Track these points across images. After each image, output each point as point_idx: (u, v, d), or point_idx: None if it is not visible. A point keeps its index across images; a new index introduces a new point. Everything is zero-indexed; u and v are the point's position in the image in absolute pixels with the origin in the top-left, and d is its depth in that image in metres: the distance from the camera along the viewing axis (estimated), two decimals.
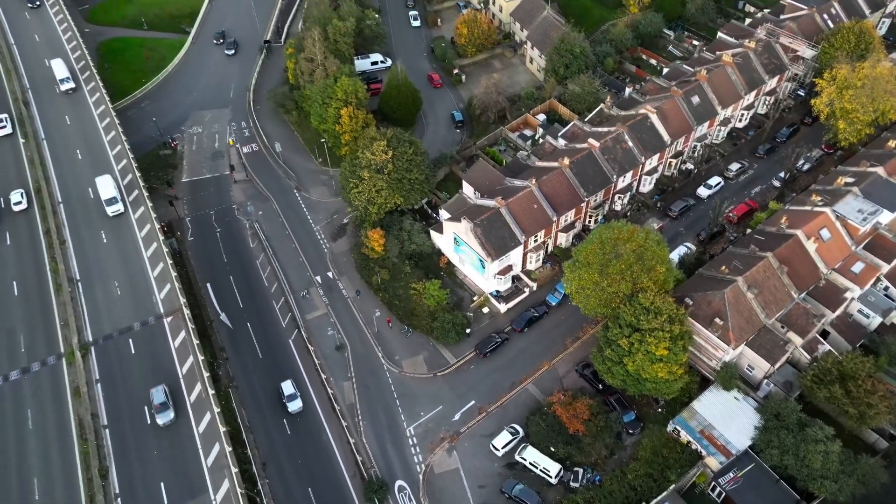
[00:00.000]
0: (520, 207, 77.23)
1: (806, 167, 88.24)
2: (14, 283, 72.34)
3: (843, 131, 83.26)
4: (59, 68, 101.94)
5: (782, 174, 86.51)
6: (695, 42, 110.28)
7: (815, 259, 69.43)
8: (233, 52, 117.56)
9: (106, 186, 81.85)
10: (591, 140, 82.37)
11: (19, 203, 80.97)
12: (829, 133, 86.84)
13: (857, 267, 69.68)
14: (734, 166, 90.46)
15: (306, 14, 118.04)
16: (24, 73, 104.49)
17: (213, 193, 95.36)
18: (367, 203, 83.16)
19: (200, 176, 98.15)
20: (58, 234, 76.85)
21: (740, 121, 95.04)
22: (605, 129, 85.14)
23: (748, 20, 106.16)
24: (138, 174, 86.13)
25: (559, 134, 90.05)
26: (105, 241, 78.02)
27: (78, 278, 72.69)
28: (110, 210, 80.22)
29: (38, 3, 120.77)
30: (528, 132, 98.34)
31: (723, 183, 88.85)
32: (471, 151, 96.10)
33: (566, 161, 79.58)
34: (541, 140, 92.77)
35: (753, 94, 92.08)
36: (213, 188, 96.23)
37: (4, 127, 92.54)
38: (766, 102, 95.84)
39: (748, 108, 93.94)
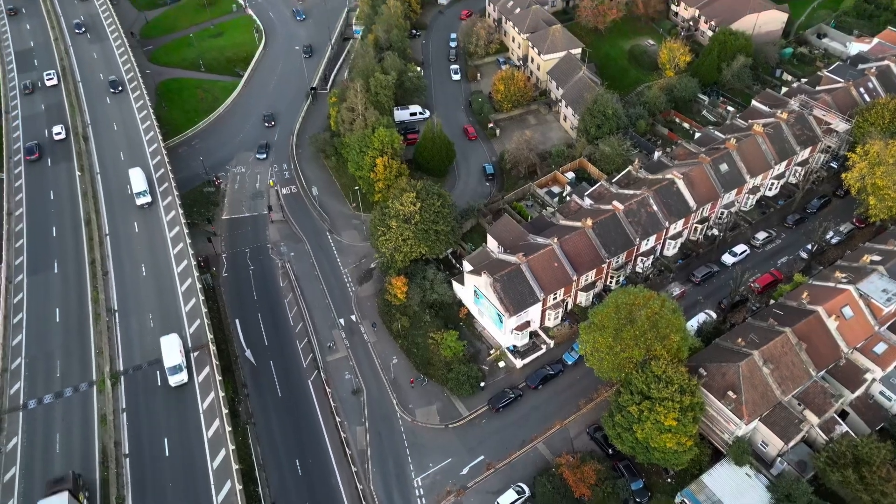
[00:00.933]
0: (540, 265, 78.61)
1: (835, 240, 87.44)
2: (57, 309, 77.00)
3: (874, 207, 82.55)
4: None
5: (810, 246, 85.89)
6: (729, 108, 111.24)
7: (836, 337, 68.52)
8: (272, 124, 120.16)
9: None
10: (615, 202, 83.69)
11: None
12: (861, 208, 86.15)
13: (880, 348, 68.46)
14: (761, 235, 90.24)
15: (352, 64, 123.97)
16: (86, 110, 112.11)
17: (249, 232, 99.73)
18: (394, 251, 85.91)
19: (240, 214, 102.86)
20: (102, 265, 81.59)
21: (770, 189, 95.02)
22: (631, 192, 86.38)
23: (784, 89, 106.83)
24: (181, 210, 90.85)
25: (586, 193, 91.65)
26: (144, 273, 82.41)
27: (116, 308, 76.91)
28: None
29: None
30: (555, 189, 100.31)
31: (748, 251, 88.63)
32: (498, 205, 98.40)
33: (589, 222, 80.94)
34: (567, 198, 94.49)
35: (784, 164, 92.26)
36: (251, 227, 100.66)
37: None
38: (798, 173, 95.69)
39: (778, 177, 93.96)
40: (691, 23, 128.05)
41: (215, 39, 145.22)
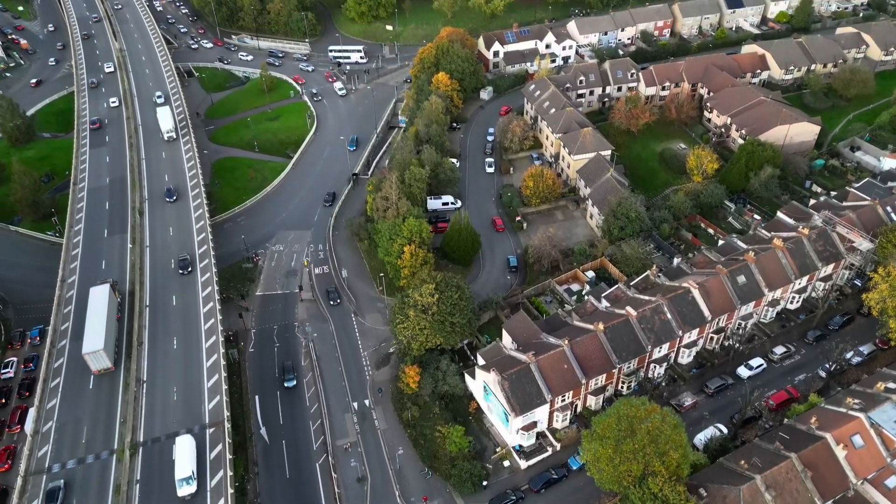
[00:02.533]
0: (550, 366, 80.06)
1: (856, 361, 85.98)
2: (91, 376, 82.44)
3: (895, 331, 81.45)
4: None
5: (829, 365, 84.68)
6: (756, 216, 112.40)
7: (845, 467, 66.96)
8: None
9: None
10: (629, 307, 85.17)
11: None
12: (883, 329, 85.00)
13: (892, 482, 66.41)
14: (779, 349, 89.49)
15: (392, 154, 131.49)
16: (146, 186, 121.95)
17: (279, 309, 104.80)
18: (411, 339, 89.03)
19: (273, 291, 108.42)
20: (138, 335, 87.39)
21: (792, 303, 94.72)
22: (646, 298, 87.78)
23: (812, 201, 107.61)
24: (216, 287, 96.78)
25: (603, 295, 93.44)
26: (175, 346, 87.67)
27: (144, 379, 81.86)
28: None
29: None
30: (575, 287, 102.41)
31: (765, 365, 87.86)
32: (517, 299, 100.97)
33: (601, 326, 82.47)
34: (585, 298, 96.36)
35: (806, 278, 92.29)
36: (281, 304, 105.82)
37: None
38: (821, 288, 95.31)
39: (800, 291, 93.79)
40: (723, 130, 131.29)
41: (271, 122, 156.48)
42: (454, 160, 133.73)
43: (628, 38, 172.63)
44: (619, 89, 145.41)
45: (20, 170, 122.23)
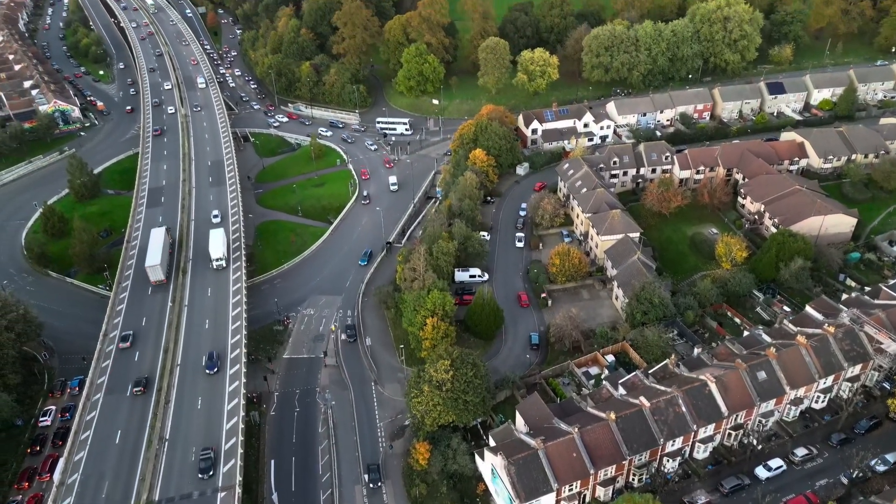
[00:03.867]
0: (558, 453, 79.81)
1: (880, 469, 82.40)
2: (119, 431, 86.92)
3: None
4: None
5: (851, 472, 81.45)
6: (785, 308, 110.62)
7: None
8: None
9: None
10: (643, 398, 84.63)
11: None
12: None
13: None
14: (801, 451, 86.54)
15: (425, 226, 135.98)
16: (191, 245, 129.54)
17: (303, 373, 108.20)
18: (424, 413, 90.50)
19: (299, 355, 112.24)
20: (166, 395, 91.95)
21: (816, 402, 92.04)
22: (662, 388, 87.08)
23: (845, 296, 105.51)
24: (244, 349, 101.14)
25: (620, 381, 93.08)
26: (199, 406, 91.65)
27: (167, 438, 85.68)
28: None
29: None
30: (593, 370, 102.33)
31: (785, 467, 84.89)
32: (534, 379, 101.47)
33: (612, 415, 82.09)
34: (602, 383, 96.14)
35: (831, 378, 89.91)
36: (306, 368, 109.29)
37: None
38: (849, 389, 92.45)
39: (825, 390, 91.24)
40: (756, 217, 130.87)
41: (316, 189, 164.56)
42: (485, 233, 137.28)
43: (667, 120, 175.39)
44: (654, 171, 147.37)
45: (80, 226, 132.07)
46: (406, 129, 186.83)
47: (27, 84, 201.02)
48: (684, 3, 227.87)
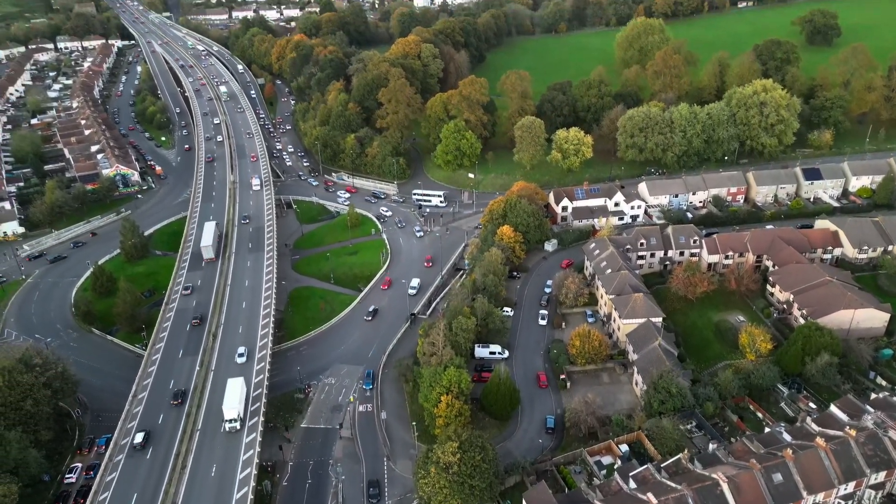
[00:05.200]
0: None
1: None
2: (135, 494, 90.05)
3: None
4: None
5: None
6: (811, 404, 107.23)
7: None
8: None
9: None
10: (650, 494, 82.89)
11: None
12: None
13: None
14: None
15: (449, 300, 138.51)
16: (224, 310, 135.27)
17: (319, 444, 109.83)
18: (430, 496, 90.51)
19: (316, 425, 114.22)
20: (183, 459, 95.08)
21: None
22: (672, 485, 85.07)
23: (874, 395, 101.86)
24: (262, 410, 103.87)
25: (631, 474, 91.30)
26: (213, 473, 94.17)
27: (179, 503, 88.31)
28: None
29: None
30: (606, 460, 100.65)
31: None
32: (545, 466, 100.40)
33: None
34: (614, 474, 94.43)
35: (852, 484, 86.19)
36: (321, 439, 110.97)
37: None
38: (873, 496, 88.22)
39: (846, 497, 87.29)
40: (785, 306, 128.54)
41: (350, 257, 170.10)
42: (508, 309, 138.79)
43: (700, 202, 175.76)
44: (682, 254, 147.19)
45: (125, 286, 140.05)
46: (441, 202, 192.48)
47: (94, 148, 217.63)
48: (723, 85, 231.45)
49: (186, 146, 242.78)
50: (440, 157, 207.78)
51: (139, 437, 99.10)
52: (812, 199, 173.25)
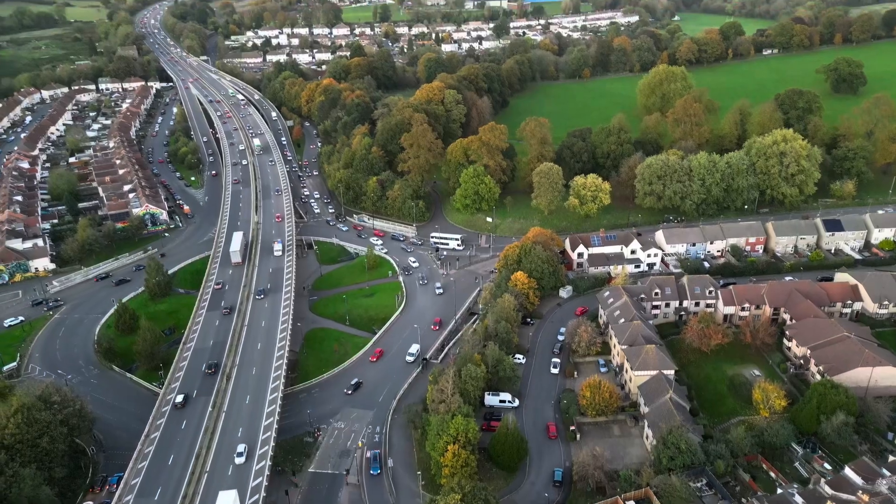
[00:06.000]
0: None
1: None
2: None
3: None
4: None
5: None
6: (826, 465, 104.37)
7: None
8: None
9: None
10: None
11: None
12: None
13: None
14: None
15: (461, 347, 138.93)
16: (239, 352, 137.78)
17: (324, 490, 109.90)
18: None
19: (324, 470, 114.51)
20: (191, 500, 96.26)
21: None
22: None
23: (891, 458, 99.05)
24: (269, 462, 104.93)
25: None
26: None
27: None
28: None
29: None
30: None
31: None
32: None
33: None
34: None
35: None
36: (328, 485, 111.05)
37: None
38: None
39: None
40: (802, 362, 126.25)
41: (366, 299, 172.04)
42: (520, 356, 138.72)
43: (717, 251, 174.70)
44: (697, 304, 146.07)
45: (145, 325, 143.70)
46: (458, 245, 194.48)
47: (127, 187, 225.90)
48: (744, 134, 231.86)
49: (213, 172, 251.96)
50: (459, 201, 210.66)
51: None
52: (833, 251, 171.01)
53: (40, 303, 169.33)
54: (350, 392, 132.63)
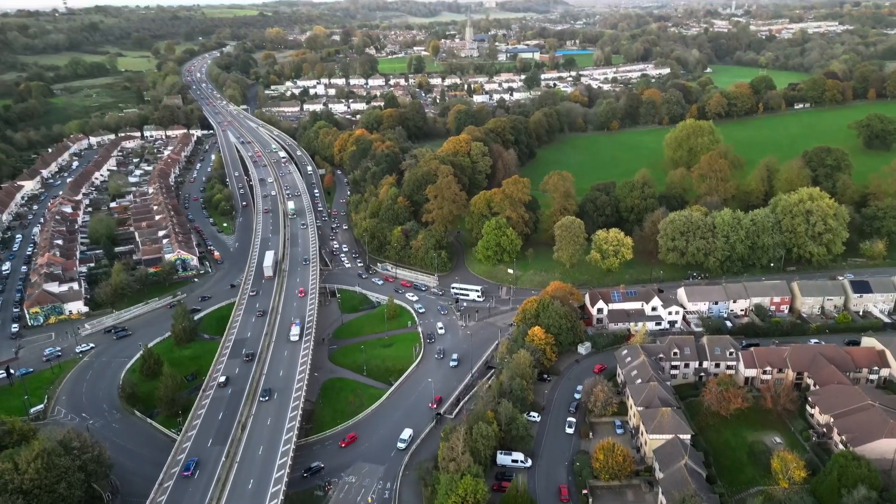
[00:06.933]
0: None
1: None
2: None
3: None
4: None
5: None
6: None
7: None
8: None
9: None
10: None
11: None
12: None
13: None
14: None
15: (475, 402, 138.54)
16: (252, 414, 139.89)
17: None
18: None
19: None
20: None
21: None
22: None
23: None
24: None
25: None
26: None
27: None
28: None
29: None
30: None
31: None
32: None
33: None
34: None
35: None
36: None
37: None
38: None
39: None
40: (825, 430, 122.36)
41: (384, 349, 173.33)
42: (535, 414, 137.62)
43: (741, 310, 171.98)
44: (717, 366, 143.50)
45: (168, 371, 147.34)
46: (478, 296, 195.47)
47: (161, 233, 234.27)
48: (771, 190, 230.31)
49: (244, 202, 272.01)
50: (481, 252, 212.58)
51: None
52: (861, 313, 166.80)
53: (110, 330, 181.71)
54: (306, 475, 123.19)
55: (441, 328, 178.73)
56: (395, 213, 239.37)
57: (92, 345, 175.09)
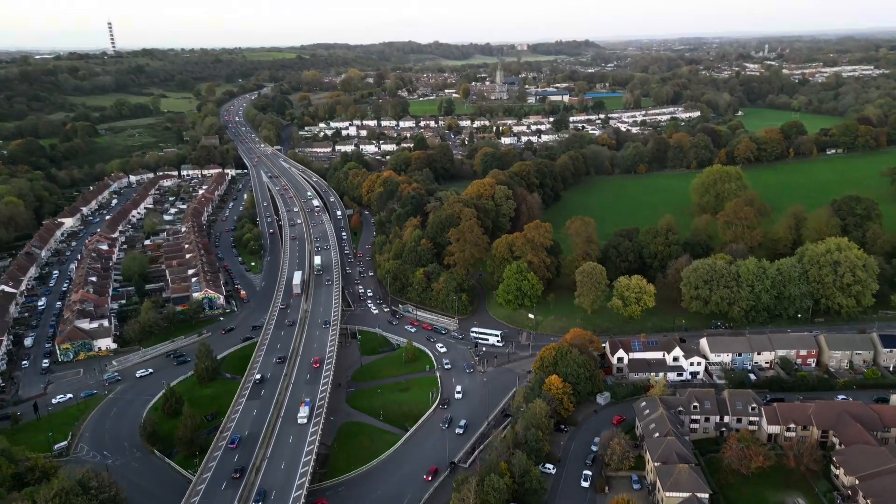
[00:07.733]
0: None
1: None
2: None
3: None
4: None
5: None
6: None
7: None
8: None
9: None
10: None
11: None
12: None
13: None
14: None
15: (488, 453, 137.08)
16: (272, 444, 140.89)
17: None
18: None
19: None
20: None
21: None
22: None
23: None
24: None
25: None
26: None
27: None
28: None
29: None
30: None
31: None
32: None
33: None
34: None
35: None
36: None
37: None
38: None
39: None
40: (850, 492, 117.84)
41: (401, 393, 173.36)
42: (550, 466, 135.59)
43: (766, 362, 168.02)
44: (739, 421, 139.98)
45: (188, 411, 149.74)
46: (497, 341, 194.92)
47: (190, 272, 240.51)
48: (799, 238, 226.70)
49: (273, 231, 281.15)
50: (502, 296, 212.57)
51: None
52: (891, 369, 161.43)
53: (170, 355, 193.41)
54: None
55: (459, 392, 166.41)
56: (419, 254, 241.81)
57: (118, 376, 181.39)
